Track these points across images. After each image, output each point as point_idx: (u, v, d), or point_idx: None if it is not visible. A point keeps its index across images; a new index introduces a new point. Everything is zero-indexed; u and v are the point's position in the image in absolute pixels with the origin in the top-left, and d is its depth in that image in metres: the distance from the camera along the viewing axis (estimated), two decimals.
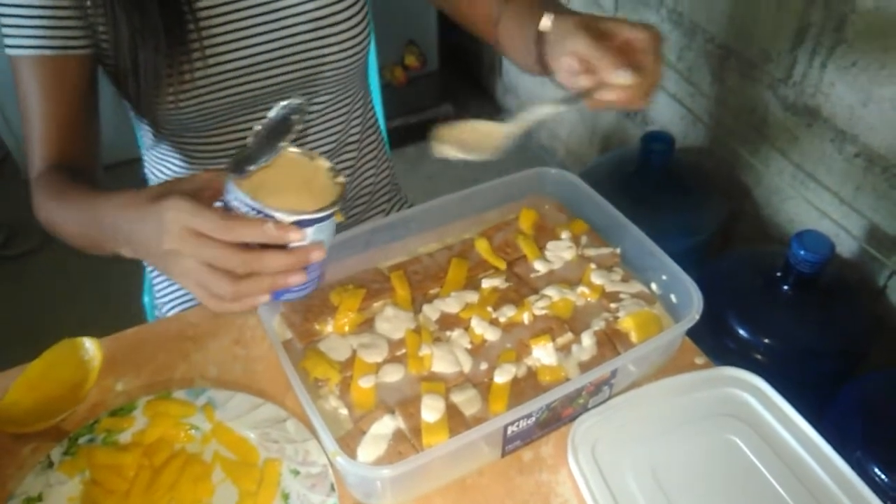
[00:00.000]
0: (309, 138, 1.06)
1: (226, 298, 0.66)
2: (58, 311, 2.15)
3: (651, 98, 0.76)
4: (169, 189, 0.68)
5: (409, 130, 2.62)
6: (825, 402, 1.26)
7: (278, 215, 0.64)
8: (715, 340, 1.36)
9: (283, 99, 0.87)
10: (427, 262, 0.93)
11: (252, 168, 0.66)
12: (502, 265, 0.92)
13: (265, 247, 0.65)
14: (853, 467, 0.73)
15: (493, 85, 2.98)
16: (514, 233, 0.96)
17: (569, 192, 0.98)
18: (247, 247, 0.64)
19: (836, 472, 0.73)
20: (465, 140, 0.80)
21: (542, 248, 0.93)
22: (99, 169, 0.95)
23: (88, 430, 0.78)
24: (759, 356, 1.33)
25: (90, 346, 0.84)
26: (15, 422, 0.78)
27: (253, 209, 0.64)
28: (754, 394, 0.81)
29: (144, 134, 1.12)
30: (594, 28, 0.76)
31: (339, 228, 1.14)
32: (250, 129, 1.02)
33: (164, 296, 1.21)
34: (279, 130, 0.68)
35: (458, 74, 3.04)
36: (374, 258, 0.93)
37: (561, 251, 0.92)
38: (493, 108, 2.91)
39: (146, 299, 1.34)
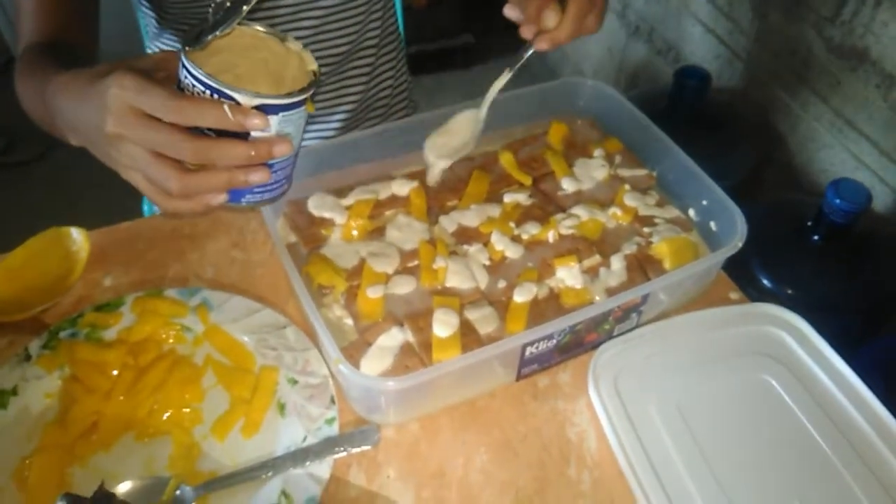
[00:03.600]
0: (322, 37, 0.98)
1: (173, 193, 0.57)
2: (57, 219, 2.10)
3: (597, 23, 0.72)
4: (115, 66, 0.58)
5: (427, 58, 2.51)
6: (847, 359, 1.21)
7: (238, 97, 0.54)
8: (738, 288, 1.30)
9: None
10: (445, 172, 0.85)
11: (208, 38, 0.56)
12: (528, 181, 0.85)
13: (222, 136, 0.55)
14: None
15: None
16: (542, 148, 0.88)
17: (604, 107, 0.91)
18: (202, 135, 0.55)
19: (875, 417, 0.68)
20: (452, 144, 0.78)
21: (571, 166, 0.86)
22: (95, 49, 0.87)
23: (71, 324, 0.72)
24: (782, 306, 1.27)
25: (77, 237, 0.78)
26: None
27: (209, 88, 0.54)
28: (791, 332, 0.75)
29: (149, 22, 1.04)
30: None
31: (348, 129, 1.07)
32: (261, 19, 0.94)
33: None
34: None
35: (481, 2, 2.90)
36: (387, 166, 0.86)
37: (592, 170, 0.85)
38: (516, 40, 2.79)
39: (146, 208, 1.28)
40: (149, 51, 1.09)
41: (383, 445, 0.66)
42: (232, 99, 0.54)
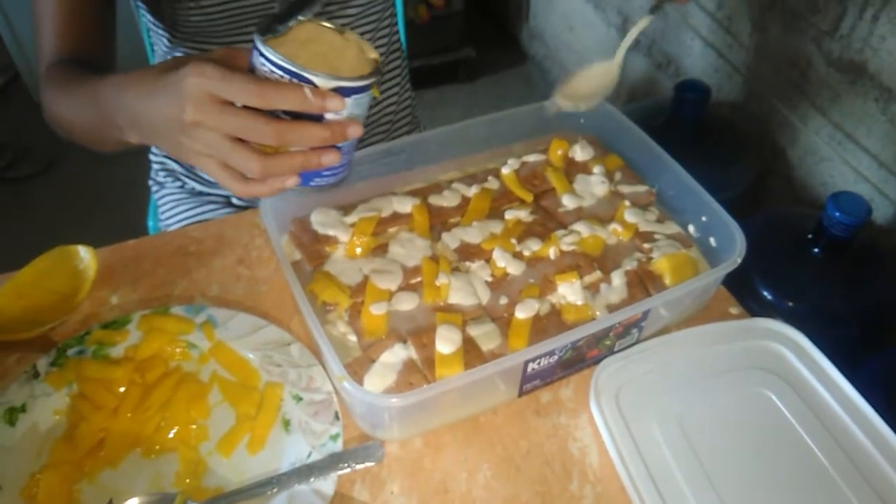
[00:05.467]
0: None
1: (254, 176, 0.59)
2: (60, 234, 2.12)
3: None
4: (186, 59, 0.60)
5: (430, 72, 2.53)
6: (849, 372, 1.22)
7: (317, 80, 0.56)
8: (738, 301, 1.30)
9: None
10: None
11: (290, 24, 0.59)
12: (529, 197, 0.86)
13: (297, 119, 0.58)
14: None
15: (518, 30, 2.87)
16: (543, 165, 0.89)
17: (604, 124, 0.92)
18: (279, 118, 0.58)
19: (876, 433, 0.68)
20: (581, 90, 0.82)
21: (571, 183, 0.87)
22: (113, 66, 0.88)
23: (78, 341, 0.73)
24: (782, 319, 1.27)
25: (85, 255, 0.79)
26: (0, 329, 0.73)
27: (288, 73, 0.56)
28: (791, 348, 0.76)
29: (157, 41, 1.05)
30: None
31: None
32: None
33: (168, 217, 1.16)
34: None
35: (483, 17, 2.94)
36: (390, 183, 0.87)
37: (592, 186, 0.86)
38: (517, 55, 2.82)
39: (151, 223, 1.29)
40: None
41: (387, 461, 0.67)
42: (310, 82, 0.56)
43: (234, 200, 1.12)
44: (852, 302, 1.28)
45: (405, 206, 0.83)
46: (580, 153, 0.90)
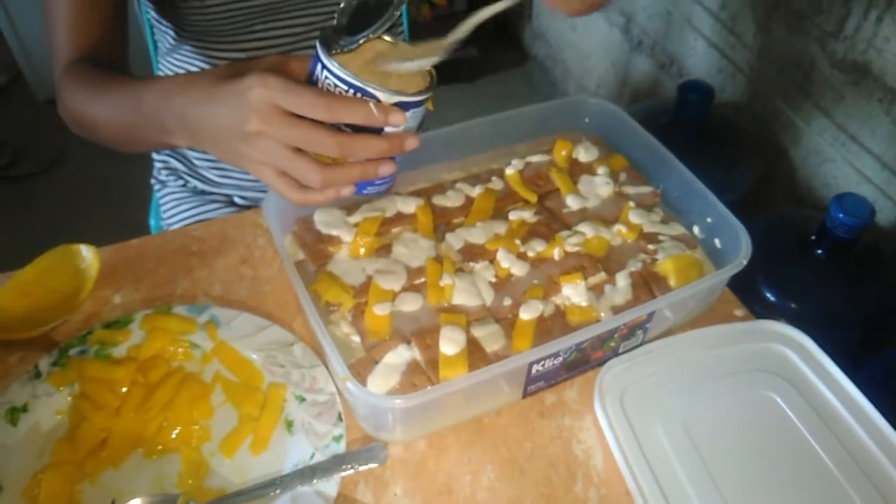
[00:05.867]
0: None
1: (315, 185, 0.60)
2: (62, 233, 2.12)
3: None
4: (245, 67, 0.61)
5: None
6: (851, 373, 1.21)
7: (381, 95, 0.57)
8: (741, 302, 1.30)
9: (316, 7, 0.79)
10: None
11: (360, 40, 0.59)
12: (533, 198, 0.85)
13: (358, 132, 0.59)
14: None
15: (520, 30, 2.87)
16: (547, 165, 0.89)
17: (608, 125, 0.91)
18: (340, 131, 0.58)
19: (880, 433, 0.68)
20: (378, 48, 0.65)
21: (576, 183, 0.87)
22: (128, 63, 0.88)
23: (80, 341, 0.73)
24: (785, 321, 1.27)
25: (87, 254, 0.79)
26: (2, 328, 0.73)
27: (352, 87, 0.57)
28: (796, 350, 0.75)
29: (161, 38, 1.05)
30: None
31: None
32: (278, 37, 0.96)
33: (171, 216, 1.15)
34: (369, 5, 0.61)
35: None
36: (394, 183, 0.86)
37: (597, 187, 0.86)
38: (520, 54, 2.81)
39: (152, 222, 1.28)
40: (159, 67, 1.10)
41: (390, 463, 0.67)
42: (374, 97, 0.57)
43: (237, 200, 1.12)
44: (855, 303, 1.28)
45: (409, 206, 0.82)
46: (584, 154, 0.90)
